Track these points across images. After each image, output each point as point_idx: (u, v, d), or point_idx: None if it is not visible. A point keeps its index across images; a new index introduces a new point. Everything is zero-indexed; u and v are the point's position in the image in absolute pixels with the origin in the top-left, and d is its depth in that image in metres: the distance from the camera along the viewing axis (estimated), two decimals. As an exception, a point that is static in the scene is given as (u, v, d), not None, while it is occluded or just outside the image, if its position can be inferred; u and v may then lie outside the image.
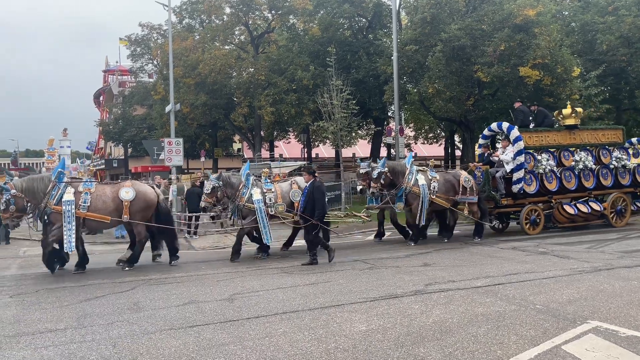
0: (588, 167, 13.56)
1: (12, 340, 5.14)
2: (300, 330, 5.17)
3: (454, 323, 5.29)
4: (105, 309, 6.36)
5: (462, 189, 12.08)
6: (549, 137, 13.69)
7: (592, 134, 14.39)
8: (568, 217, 13.18)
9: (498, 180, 12.94)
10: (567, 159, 13.57)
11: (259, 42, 28.59)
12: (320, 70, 24.10)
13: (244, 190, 10.44)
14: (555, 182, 13.15)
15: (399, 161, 12.99)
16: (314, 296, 6.69)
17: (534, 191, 12.92)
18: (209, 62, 24.43)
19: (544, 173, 13.00)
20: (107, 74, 53.95)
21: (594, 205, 13.39)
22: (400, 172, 11.85)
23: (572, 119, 13.89)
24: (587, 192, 13.61)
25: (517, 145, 12.75)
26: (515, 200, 12.98)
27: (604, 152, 14.06)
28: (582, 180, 13.49)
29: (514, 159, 12.76)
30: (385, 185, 11.61)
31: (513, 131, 12.89)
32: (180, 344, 4.86)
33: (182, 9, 28.38)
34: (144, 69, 34.76)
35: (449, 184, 12.15)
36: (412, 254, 10.27)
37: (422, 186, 11.59)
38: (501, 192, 12.93)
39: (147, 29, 31.71)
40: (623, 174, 14.09)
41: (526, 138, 13.07)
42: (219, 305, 6.34)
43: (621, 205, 13.79)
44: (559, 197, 13.42)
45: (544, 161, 13.04)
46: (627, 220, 13.85)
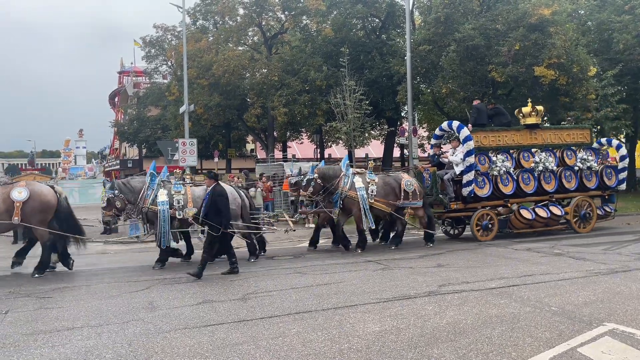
0: (549, 169, 12.81)
1: (29, 338, 5.22)
2: (313, 331, 5.18)
3: (468, 324, 5.27)
4: (120, 308, 6.44)
5: (403, 193, 11.28)
6: (507, 137, 12.96)
7: (556, 134, 13.59)
8: (525, 222, 12.35)
9: (446, 183, 12.22)
10: (527, 160, 12.83)
11: (272, 43, 28.66)
12: (333, 70, 24.08)
13: (148, 192, 9.76)
14: (511, 185, 12.41)
15: (333, 165, 12.21)
16: (327, 296, 6.70)
17: (486, 194, 12.22)
18: (222, 63, 24.55)
19: (498, 175, 12.28)
20: (122, 75, 54.55)
21: (554, 210, 12.57)
22: (333, 176, 11.15)
23: (533, 118, 13.17)
24: (549, 196, 12.83)
25: (467, 145, 11.97)
26: (466, 204, 12.19)
27: (569, 153, 13.31)
28: (542, 183, 12.75)
29: (464, 160, 11.99)
30: (315, 192, 10.94)
31: (463, 130, 12.14)
32: (195, 343, 4.91)
33: (196, 10, 28.55)
34: (158, 70, 35.04)
35: (388, 187, 11.38)
36: (426, 254, 10.23)
37: (359, 189, 10.92)
38: (450, 195, 12.17)
39: (162, 31, 31.95)
40: (589, 176, 13.31)
41: (481, 138, 12.50)
42: (233, 305, 6.38)
43: (586, 210, 12.96)
44: (516, 200, 12.58)
45: (498, 162, 12.34)
46: (592, 225, 13.03)
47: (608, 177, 13.62)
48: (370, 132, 28.29)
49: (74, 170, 66.52)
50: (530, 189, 12.62)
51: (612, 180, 13.69)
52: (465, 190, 11.97)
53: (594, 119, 21.36)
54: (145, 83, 43.00)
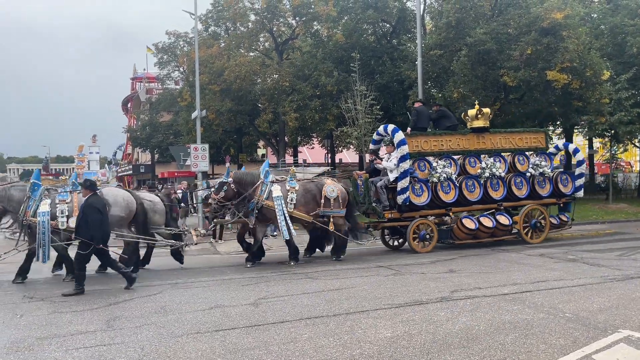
0: (496, 176, 11.92)
1: (43, 342, 5.27)
2: (325, 336, 5.17)
3: (481, 330, 5.23)
4: (133, 312, 6.48)
5: (324, 200, 10.47)
6: (451, 142, 12.10)
7: (507, 138, 12.68)
8: (468, 232, 11.47)
9: (380, 191, 11.37)
10: (474, 166, 12.03)
11: (284, 48, 28.81)
12: (344, 75, 24.13)
13: (29, 203, 8.99)
14: (453, 193, 11.58)
15: (252, 171, 11.38)
16: (338, 302, 6.69)
17: (424, 202, 11.38)
18: (234, 69, 24.71)
19: (438, 182, 11.45)
20: (134, 81, 55.10)
21: (501, 219, 11.76)
22: (250, 183, 10.37)
23: (480, 121, 12.34)
24: (497, 204, 11.99)
25: (401, 150, 11.10)
26: (402, 213, 11.33)
27: (521, 158, 12.42)
28: (489, 190, 11.88)
29: (398, 165, 11.11)
30: (228, 197, 10.24)
31: (397, 134, 11.29)
32: (207, 347, 4.92)
33: (208, 16, 28.78)
34: (170, 76, 35.36)
35: (309, 195, 10.59)
36: (438, 260, 10.17)
37: (277, 198, 10.14)
38: (384, 204, 11.31)
39: (174, 37, 32.26)
40: (542, 183, 12.43)
41: (421, 143, 11.77)
42: (244, 310, 6.39)
43: (537, 219, 12.15)
44: (459, 209, 11.79)
45: (439, 168, 11.52)
46: (545, 235, 12.19)
47: (563, 184, 12.70)
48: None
49: (88, 175, 67.21)
50: (474, 196, 11.78)
51: (568, 187, 12.77)
52: (400, 198, 11.08)
53: (607, 123, 21.15)
54: (157, 89, 43.37)
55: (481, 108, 12.49)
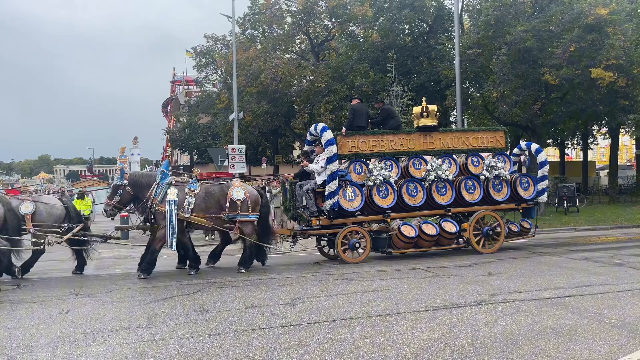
0: (442, 179, 10.95)
1: (88, 337, 5.46)
2: (361, 337, 5.16)
3: (521, 335, 5.10)
4: (173, 309, 6.63)
5: (230, 203, 9.58)
6: (393, 142, 11.14)
7: (459, 138, 11.64)
8: (407, 240, 10.61)
9: (305, 195, 10.49)
10: (419, 168, 11.12)
11: (319, 50, 28.92)
12: (380, 76, 24.03)
13: None
14: (391, 197, 10.63)
15: (151, 172, 10.52)
16: (374, 303, 6.66)
17: (357, 208, 10.51)
18: (270, 71, 24.96)
19: (374, 186, 10.54)
20: (174, 84, 56.45)
21: (447, 226, 10.85)
22: (146, 185, 9.62)
23: (427, 119, 11.33)
24: (445, 210, 11.07)
25: (328, 151, 10.23)
26: (331, 219, 10.41)
27: (475, 159, 11.44)
28: (434, 194, 10.92)
29: (325, 167, 10.27)
30: (124, 201, 9.64)
31: (325, 133, 10.39)
32: (244, 346, 4.99)
33: (245, 20, 29.21)
34: (208, 79, 36.00)
35: (211, 199, 9.67)
36: (476, 262, 9.99)
37: (170, 203, 9.23)
38: (311, 209, 10.41)
39: (212, 40, 32.81)
40: (498, 186, 11.33)
41: (359, 143, 10.91)
42: (281, 310, 6.44)
43: (490, 226, 11.10)
44: (399, 215, 10.90)
45: (375, 171, 10.60)
46: (499, 244, 11.11)
47: (524, 188, 11.61)
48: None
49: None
50: (417, 201, 10.84)
51: (529, 191, 11.67)
52: (328, 203, 10.21)
53: (656, 122, 20.30)
54: (196, 91, 44.26)
55: (427, 105, 11.43)
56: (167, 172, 9.85)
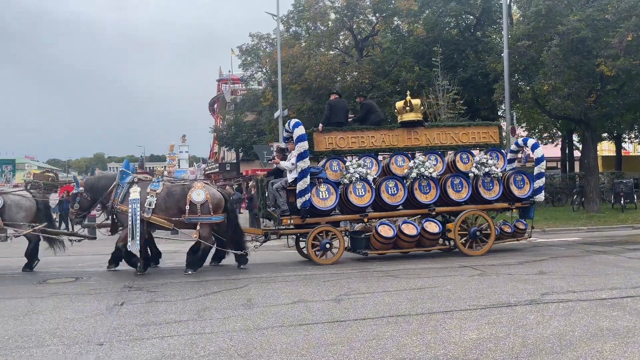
0: (426, 176, 10.42)
1: (142, 328, 5.66)
2: (407, 335, 5.12)
3: (575, 337, 4.93)
4: (221, 303, 6.78)
5: (190, 205, 9.28)
6: (374, 138, 10.75)
7: (447, 134, 11.12)
8: (384, 241, 10.08)
9: (276, 193, 10.18)
10: (401, 165, 10.67)
11: (363, 45, 28.75)
12: (425, 70, 23.66)
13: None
14: (368, 196, 10.21)
15: (109, 173, 10.51)
16: (421, 301, 6.59)
17: (331, 207, 10.13)
18: (314, 68, 25.03)
19: (350, 184, 10.11)
20: (220, 82, 57.57)
21: (429, 226, 10.29)
22: (104, 187, 9.66)
23: (411, 114, 10.83)
24: (428, 209, 10.53)
25: (299, 147, 9.84)
26: (304, 218, 10.04)
27: (464, 156, 10.89)
28: (417, 193, 10.40)
29: (295, 164, 9.91)
30: (84, 208, 9.75)
31: (297, 129, 10.01)
32: (291, 341, 5.05)
33: (289, 17, 29.40)
34: (253, 77, 36.54)
35: (172, 199, 9.42)
36: (526, 261, 9.71)
37: (132, 202, 9.10)
38: (282, 208, 10.08)
39: (257, 39, 33.27)
40: (489, 184, 10.75)
41: (337, 140, 10.57)
42: (326, 306, 6.48)
43: (478, 226, 10.53)
44: (380, 215, 10.47)
45: (351, 168, 10.21)
46: (488, 246, 10.52)
47: (518, 186, 11.00)
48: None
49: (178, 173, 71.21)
50: (397, 200, 10.39)
51: (524, 189, 11.05)
52: (299, 202, 9.87)
53: None
54: (242, 90, 45.01)
55: (410, 99, 10.96)
56: (128, 171, 9.79)
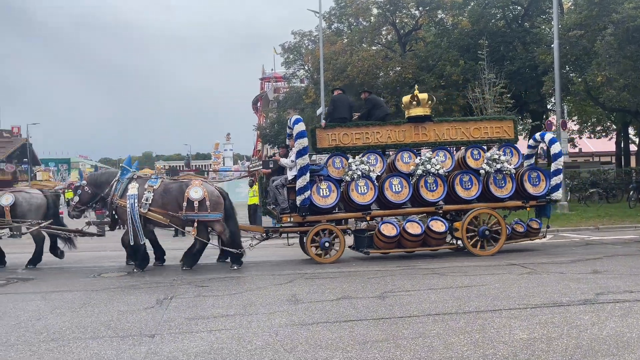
0: (432, 173, 10.06)
1: (190, 322, 5.81)
2: (454, 333, 5.03)
3: (634, 338, 4.70)
4: (266, 299, 6.87)
5: (187, 202, 9.32)
6: (379, 134, 10.48)
7: (458, 128, 10.69)
8: (386, 240, 9.82)
9: (275, 191, 10.17)
10: (407, 162, 10.34)
11: (406, 40, 28.44)
12: (470, 64, 23.16)
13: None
14: (371, 193, 9.93)
15: (110, 170, 10.57)
16: (467, 299, 6.46)
17: (331, 205, 9.93)
18: (356, 64, 24.96)
19: (351, 181, 9.88)
20: (263, 81, 58.22)
21: (435, 225, 9.91)
22: (106, 182, 9.84)
23: (419, 109, 10.52)
24: (435, 207, 10.18)
25: (299, 144, 9.66)
26: (304, 216, 9.87)
27: (475, 152, 10.50)
28: (422, 190, 10.07)
29: (295, 161, 9.78)
30: (84, 201, 9.91)
31: (297, 125, 9.83)
32: (336, 337, 5.05)
33: (331, 14, 29.41)
34: (296, 75, 36.74)
35: (169, 195, 9.52)
36: (579, 259, 9.35)
37: (131, 197, 9.27)
38: (282, 206, 10.01)
39: (299, 36, 33.44)
40: (500, 182, 10.30)
41: (340, 136, 10.35)
42: (371, 302, 6.44)
43: (487, 225, 10.10)
44: (383, 213, 10.26)
45: (353, 165, 9.94)
46: (499, 246, 10.09)
47: (532, 183, 10.50)
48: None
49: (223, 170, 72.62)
50: (401, 198, 10.07)
51: (540, 186, 10.54)
52: (299, 199, 9.72)
53: None
54: (284, 88, 45.35)
55: (417, 94, 10.68)
56: (128, 167, 10.03)
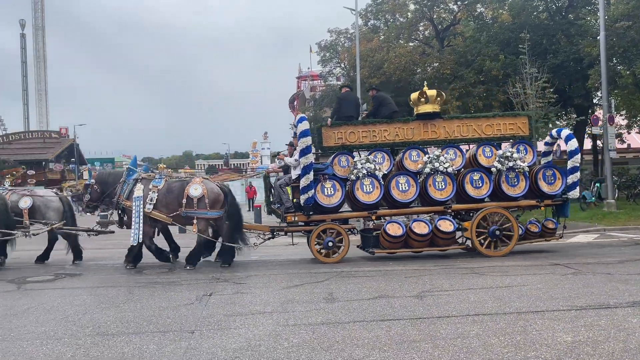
0: (441, 171, 9.87)
1: (229, 319, 5.89)
2: (495, 335, 4.92)
3: (687, 344, 4.48)
4: (303, 296, 6.89)
5: (187, 200, 9.55)
6: (387, 132, 10.40)
7: (469, 125, 10.51)
8: (392, 240, 9.69)
9: (279, 190, 10.20)
10: (416, 160, 10.19)
11: (444, 35, 27.99)
12: (511, 58, 22.57)
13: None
14: (377, 192, 9.81)
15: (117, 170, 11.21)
16: (508, 300, 6.30)
17: (336, 204, 9.86)
18: (393, 61, 24.73)
19: (356, 180, 9.79)
20: (299, 80, 58.50)
21: (443, 225, 9.70)
22: (113, 182, 10.18)
23: (428, 106, 10.40)
24: (444, 206, 9.99)
25: (302, 143, 9.64)
26: (308, 216, 9.84)
27: (487, 149, 10.24)
28: (430, 189, 9.88)
29: (298, 160, 9.75)
30: (94, 199, 10.34)
31: (300, 124, 9.84)
32: (373, 336, 5.02)
33: (367, 11, 29.24)
34: (332, 73, 36.69)
35: (171, 195, 9.75)
36: (627, 259, 8.99)
37: (136, 199, 9.58)
38: (286, 205, 10.03)
39: (335, 34, 33.37)
40: (513, 180, 10.03)
41: (347, 134, 10.29)
42: (409, 302, 6.38)
43: (498, 225, 9.79)
44: (389, 212, 10.17)
45: (359, 164, 9.84)
46: (511, 246, 9.82)
47: (547, 182, 10.18)
48: (556, 122, 25.87)
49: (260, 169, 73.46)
50: (408, 197, 9.93)
51: (555, 185, 10.21)
52: (302, 198, 9.70)
53: None
54: (320, 86, 45.41)
55: (425, 90, 10.54)
56: (134, 168, 10.33)
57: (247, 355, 4.57)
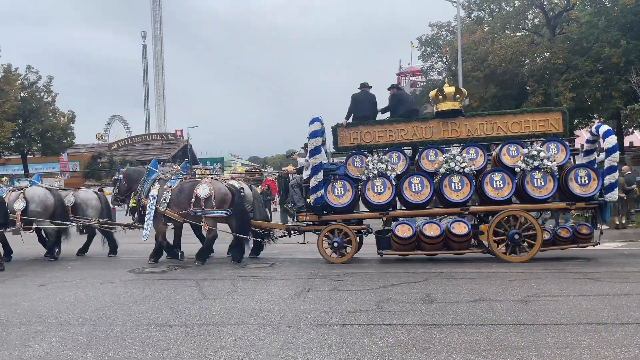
0: (457, 172, 9.29)
1: (325, 315, 6.00)
2: (609, 346, 4.51)
3: None
4: (400, 296, 6.82)
5: (195, 199, 10.00)
6: (404, 131, 10.24)
7: (493, 123, 10.08)
8: (401, 242, 9.40)
9: (291, 190, 10.22)
10: (434, 160, 9.81)
11: (556, 22, 26.07)
12: (634, 43, 20.50)
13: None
14: (388, 193, 9.49)
15: (142, 168, 11.76)
16: (627, 309, 5.75)
17: (345, 204, 9.68)
18: (498, 53, 23.56)
19: (368, 180, 9.53)
20: (400, 76, 57.73)
21: (456, 227, 9.31)
22: (136, 180, 11.05)
23: (448, 103, 10.03)
24: (461, 208, 9.42)
25: (312, 143, 9.65)
26: (320, 215, 9.83)
27: (512, 148, 9.60)
28: (446, 190, 9.38)
29: (308, 161, 9.73)
30: (121, 193, 11.37)
31: (312, 125, 9.71)
32: (471, 340, 4.84)
33: (470, 2, 28.13)
34: (433, 68, 35.81)
35: (183, 194, 10.24)
36: None
37: (151, 197, 10.29)
38: (298, 204, 10.08)
39: (436, 28, 32.52)
40: (539, 180, 9.16)
41: (362, 134, 10.32)
42: (512, 306, 6.05)
43: (518, 229, 9.07)
44: (403, 213, 9.89)
45: (370, 164, 9.57)
46: (533, 252, 9.06)
47: (580, 183, 9.22)
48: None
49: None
50: (421, 198, 9.48)
51: (590, 186, 9.23)
52: (312, 198, 9.68)
53: None
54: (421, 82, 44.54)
55: (443, 88, 10.20)
56: (154, 169, 11.00)
57: (342, 352, 4.62)
